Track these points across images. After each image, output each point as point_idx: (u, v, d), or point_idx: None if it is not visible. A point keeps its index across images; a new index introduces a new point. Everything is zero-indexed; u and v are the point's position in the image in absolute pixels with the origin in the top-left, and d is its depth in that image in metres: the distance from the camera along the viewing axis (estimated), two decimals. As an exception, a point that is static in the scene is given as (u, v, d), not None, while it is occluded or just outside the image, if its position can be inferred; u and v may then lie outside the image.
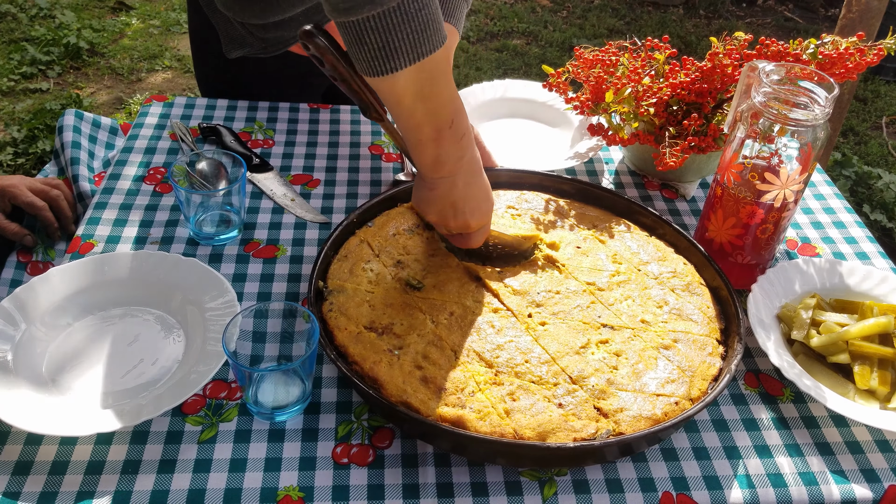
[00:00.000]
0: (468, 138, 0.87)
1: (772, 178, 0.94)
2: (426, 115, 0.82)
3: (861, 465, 0.84)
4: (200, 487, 0.76)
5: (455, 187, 0.90)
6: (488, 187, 0.94)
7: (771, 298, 0.99)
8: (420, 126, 0.83)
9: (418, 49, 0.76)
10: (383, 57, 0.75)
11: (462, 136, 0.86)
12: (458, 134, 0.85)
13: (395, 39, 0.74)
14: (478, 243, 0.96)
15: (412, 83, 0.78)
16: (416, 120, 0.82)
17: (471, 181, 0.90)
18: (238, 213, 1.07)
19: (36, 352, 0.87)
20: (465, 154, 0.88)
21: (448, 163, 0.87)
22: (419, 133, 0.84)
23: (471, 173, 0.90)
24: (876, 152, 3.20)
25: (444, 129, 0.84)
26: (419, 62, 0.76)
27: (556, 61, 3.76)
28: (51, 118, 2.93)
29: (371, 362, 0.83)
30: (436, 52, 0.77)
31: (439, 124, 0.83)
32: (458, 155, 0.87)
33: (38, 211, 1.18)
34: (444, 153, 0.86)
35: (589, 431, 0.79)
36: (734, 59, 1.12)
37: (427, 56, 0.76)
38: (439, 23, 0.77)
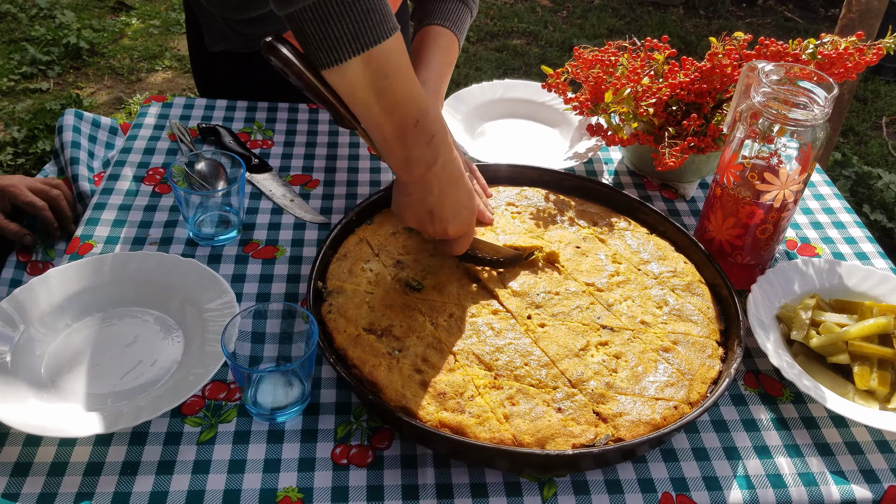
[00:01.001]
0: (440, 142, 0.85)
1: (771, 178, 0.94)
2: (383, 111, 0.81)
3: (861, 465, 0.84)
4: (199, 488, 0.76)
5: (430, 194, 0.88)
6: (469, 194, 0.91)
7: (770, 299, 0.99)
8: (380, 124, 0.82)
9: (361, 39, 0.75)
10: (326, 48, 0.75)
11: (431, 138, 0.84)
12: (425, 135, 0.83)
13: (335, 30, 0.74)
14: (460, 251, 0.94)
15: (362, 76, 0.77)
16: (375, 117, 0.81)
17: (447, 189, 0.88)
18: (237, 214, 1.06)
19: (35, 353, 0.87)
20: (437, 159, 0.85)
21: (419, 166, 0.85)
22: (381, 131, 0.83)
23: (448, 181, 0.88)
24: (876, 152, 3.20)
25: (409, 129, 0.82)
26: (365, 53, 0.76)
27: (556, 61, 3.75)
28: (51, 118, 2.93)
29: (370, 366, 0.83)
30: (382, 42, 0.76)
31: (401, 123, 0.82)
32: (430, 159, 0.85)
33: (37, 211, 1.18)
34: (412, 155, 0.84)
35: (588, 437, 0.79)
36: (733, 59, 1.12)
37: (372, 47, 0.76)
38: (384, 14, 0.76)
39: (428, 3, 1.24)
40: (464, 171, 0.91)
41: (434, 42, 1.20)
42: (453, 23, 1.22)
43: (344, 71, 0.77)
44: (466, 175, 0.92)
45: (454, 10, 1.22)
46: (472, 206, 0.92)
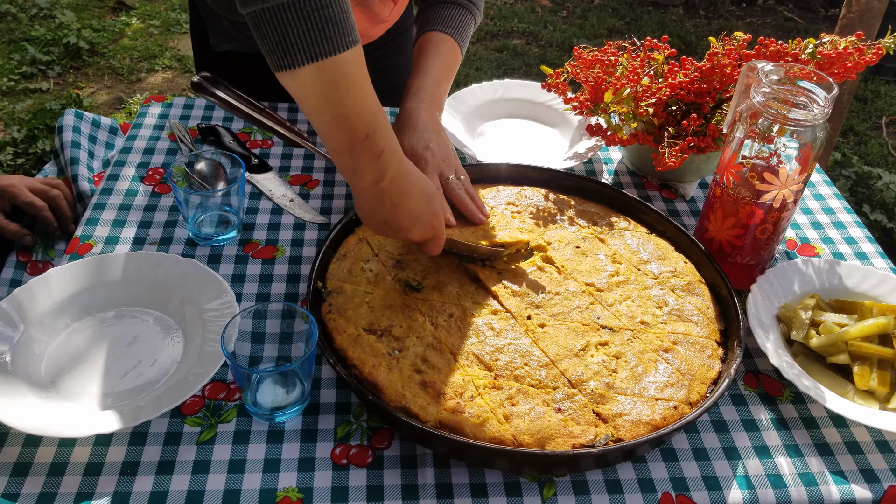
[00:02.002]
0: (390, 157, 0.84)
1: (771, 178, 0.94)
2: (333, 121, 0.80)
3: (860, 465, 0.84)
4: (199, 488, 0.76)
5: (382, 206, 0.87)
6: (427, 202, 0.90)
7: (770, 299, 0.99)
8: (329, 132, 0.81)
9: (315, 48, 0.75)
10: (280, 51, 0.75)
11: (380, 154, 0.83)
12: (374, 150, 0.83)
13: (290, 35, 0.74)
14: (433, 252, 0.94)
15: (313, 84, 0.77)
16: (325, 125, 0.81)
17: (399, 202, 0.87)
18: (237, 214, 1.06)
19: (34, 353, 0.87)
20: (385, 174, 0.85)
21: (366, 178, 0.85)
22: (330, 139, 0.82)
23: (397, 194, 0.87)
24: (876, 152, 3.20)
25: (357, 143, 0.82)
26: (318, 62, 0.76)
27: (556, 61, 3.75)
28: (51, 118, 2.93)
29: (370, 366, 0.83)
30: (337, 55, 0.76)
31: (350, 136, 0.81)
32: (378, 174, 0.84)
33: (37, 211, 1.18)
34: (360, 168, 0.84)
35: (588, 437, 0.79)
36: (733, 59, 1.12)
37: (326, 57, 0.75)
38: (344, 27, 0.76)
39: (431, 9, 1.23)
40: (418, 179, 0.90)
41: (434, 49, 1.19)
42: (455, 29, 1.21)
43: (295, 76, 0.77)
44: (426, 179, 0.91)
45: (457, 17, 1.21)
46: (433, 212, 0.91)
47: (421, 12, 1.26)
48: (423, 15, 1.25)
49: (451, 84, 1.23)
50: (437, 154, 1.06)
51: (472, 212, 1.04)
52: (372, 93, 0.82)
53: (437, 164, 1.06)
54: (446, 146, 1.09)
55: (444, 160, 1.07)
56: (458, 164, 1.08)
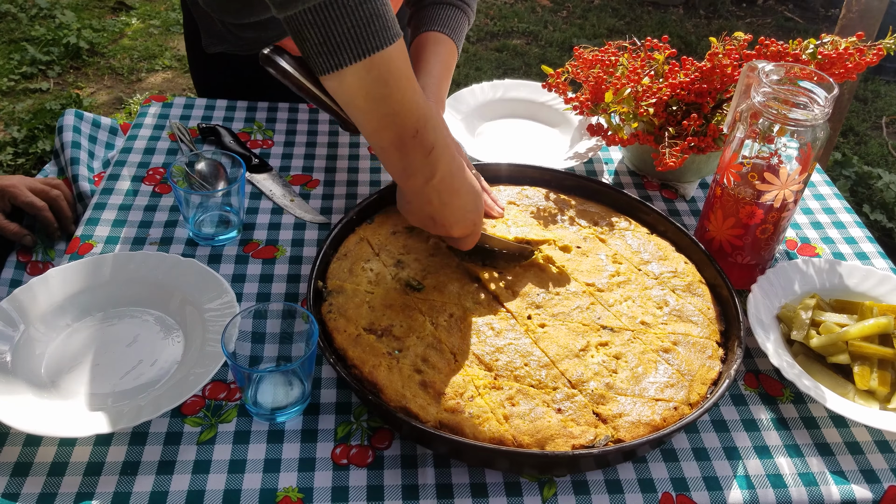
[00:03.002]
0: (441, 154, 0.83)
1: (771, 178, 0.94)
2: (382, 119, 0.78)
3: (861, 465, 0.84)
4: (199, 488, 0.76)
5: (430, 204, 0.87)
6: (474, 200, 0.90)
7: (770, 299, 0.99)
8: (378, 131, 0.80)
9: (362, 45, 0.73)
10: (325, 52, 0.73)
11: (430, 151, 0.82)
12: (424, 147, 0.81)
13: (335, 34, 0.72)
14: (467, 247, 0.95)
15: (361, 83, 0.75)
16: (373, 124, 0.79)
17: (447, 200, 0.87)
18: (237, 214, 1.06)
19: (35, 353, 0.87)
20: (436, 172, 0.84)
21: (417, 177, 0.84)
22: (379, 139, 0.81)
23: (448, 192, 0.86)
24: (876, 152, 3.20)
25: (407, 139, 0.80)
26: (366, 59, 0.74)
27: (556, 61, 3.75)
28: (51, 118, 2.93)
29: (370, 366, 0.83)
30: (384, 49, 0.74)
31: (400, 132, 0.79)
32: (429, 172, 0.83)
33: (37, 211, 1.18)
34: (410, 166, 0.83)
35: (588, 438, 0.79)
36: (734, 59, 1.12)
37: (374, 53, 0.74)
38: (387, 19, 0.74)
39: (425, 10, 1.24)
40: (467, 176, 0.89)
41: (433, 48, 1.19)
42: (452, 30, 1.21)
43: (343, 77, 0.75)
44: (471, 175, 0.91)
45: (452, 17, 1.22)
46: (478, 210, 0.91)
47: (414, 14, 1.26)
48: (418, 16, 1.25)
49: (450, 84, 1.23)
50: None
51: (490, 206, 1.05)
52: (418, 86, 0.80)
53: None
54: (455, 141, 1.10)
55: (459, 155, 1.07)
56: (468, 160, 1.09)
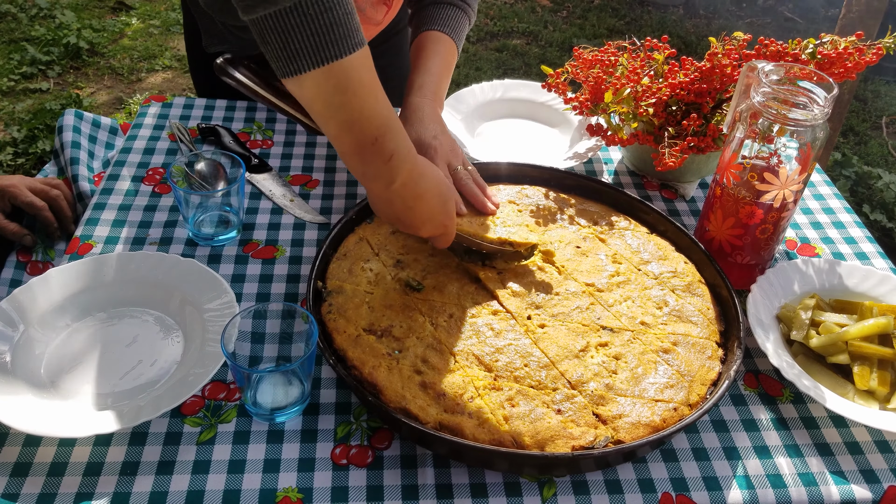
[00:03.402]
0: (401, 161, 0.83)
1: (771, 178, 0.94)
2: (340, 126, 0.79)
3: (860, 465, 0.84)
4: (199, 489, 0.76)
5: (394, 206, 0.87)
6: (440, 201, 0.90)
7: (770, 299, 0.99)
8: (337, 136, 0.81)
9: (321, 53, 0.74)
10: (285, 58, 0.74)
11: (390, 158, 0.82)
12: (384, 154, 0.82)
13: (294, 40, 0.73)
14: (442, 246, 0.95)
15: (320, 89, 0.76)
16: (333, 130, 0.80)
17: (412, 204, 0.87)
18: (237, 214, 1.06)
19: (34, 353, 0.87)
20: (396, 178, 0.84)
21: (378, 181, 0.84)
22: (339, 143, 0.81)
23: (412, 197, 0.86)
24: (876, 152, 3.20)
25: (367, 146, 0.81)
26: (325, 67, 0.74)
27: (556, 61, 3.75)
28: (51, 118, 2.93)
29: (370, 367, 0.83)
30: (343, 58, 0.75)
31: (359, 139, 0.80)
32: (389, 177, 0.84)
33: (37, 211, 1.18)
34: (370, 170, 0.83)
35: (588, 439, 0.79)
36: (733, 59, 1.12)
37: (332, 61, 0.74)
38: (349, 28, 0.75)
39: (426, 10, 1.24)
40: (432, 180, 0.89)
41: (433, 47, 1.20)
42: (452, 29, 1.22)
43: (302, 82, 0.76)
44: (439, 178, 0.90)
45: (453, 17, 1.22)
46: (446, 212, 0.91)
47: (415, 13, 1.27)
48: (419, 16, 1.25)
49: (450, 83, 1.23)
50: (445, 145, 1.08)
51: (482, 202, 1.05)
52: (381, 96, 0.81)
53: (446, 154, 1.07)
54: (451, 139, 1.11)
55: (451, 151, 1.08)
56: (464, 157, 1.10)
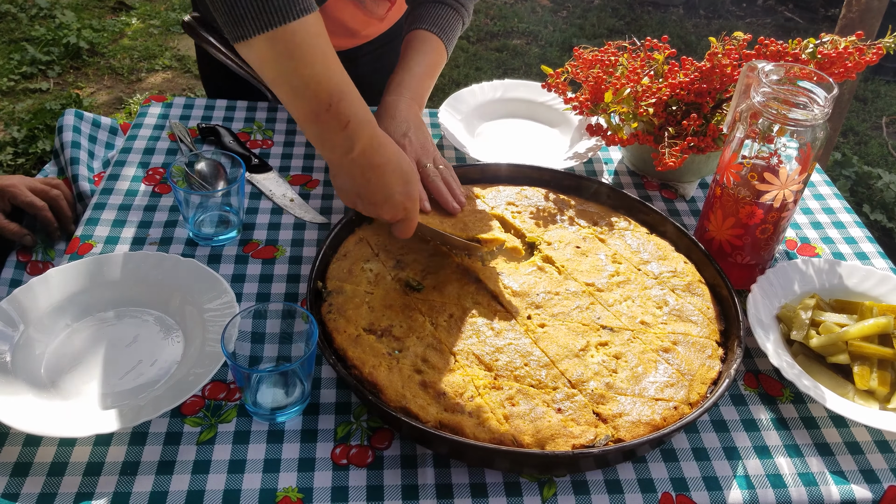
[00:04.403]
0: (359, 128, 0.85)
1: (771, 178, 0.94)
2: (293, 91, 0.81)
3: (860, 465, 0.84)
4: (199, 489, 0.76)
5: (353, 178, 0.88)
6: (402, 181, 0.89)
7: (770, 299, 0.99)
8: (291, 102, 0.83)
9: (264, 18, 0.76)
10: (231, 23, 0.77)
11: (346, 124, 0.84)
12: (340, 120, 0.83)
13: (239, 6, 0.76)
14: (403, 234, 0.94)
15: (267, 54, 0.79)
16: (286, 96, 0.82)
17: (370, 176, 0.88)
18: (237, 214, 1.06)
19: (35, 353, 0.87)
20: (354, 145, 0.85)
21: (336, 149, 0.86)
22: (294, 109, 0.83)
23: (370, 167, 0.87)
24: (876, 152, 3.20)
25: (321, 112, 0.83)
26: (269, 32, 0.77)
27: (556, 61, 3.75)
28: (51, 118, 2.93)
29: (370, 366, 0.83)
30: (288, 24, 0.77)
31: (313, 105, 0.82)
32: (347, 145, 0.85)
33: (37, 211, 1.18)
34: (328, 137, 0.85)
35: (588, 438, 0.79)
36: (733, 59, 1.12)
37: (276, 27, 0.77)
38: None
39: (420, 8, 1.24)
40: (393, 157, 0.89)
41: (419, 47, 1.19)
42: (441, 29, 1.21)
43: (250, 47, 0.79)
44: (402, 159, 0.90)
45: (444, 17, 1.22)
46: (407, 193, 0.90)
47: (410, 11, 1.27)
48: (412, 14, 1.25)
49: (450, 83, 1.23)
50: (415, 142, 1.06)
51: (445, 200, 1.03)
52: (333, 62, 0.83)
53: (415, 151, 1.05)
54: (425, 137, 1.09)
55: (421, 148, 1.06)
56: (437, 155, 1.08)
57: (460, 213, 1.03)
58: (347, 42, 1.38)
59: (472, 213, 1.05)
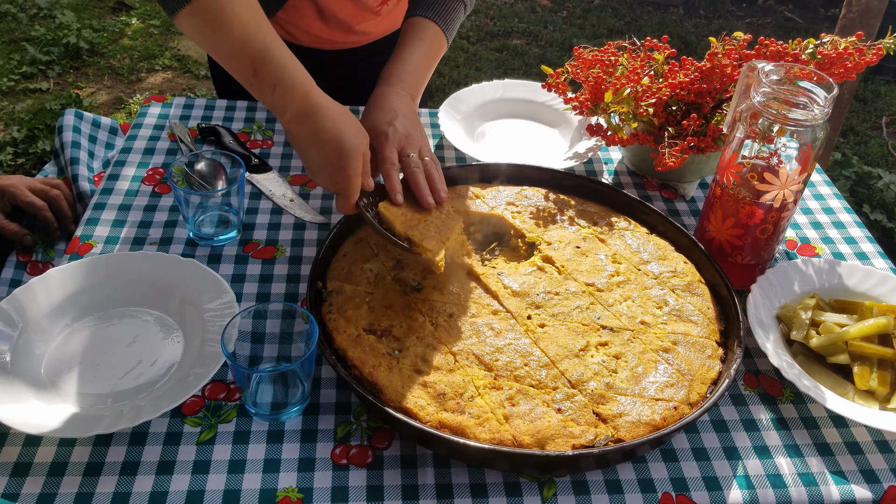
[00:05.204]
0: (287, 93, 0.88)
1: (771, 178, 0.94)
2: (224, 61, 0.89)
3: (860, 465, 0.84)
4: (199, 489, 0.76)
5: (292, 142, 0.93)
6: (338, 152, 0.89)
7: (770, 299, 0.99)
8: (227, 69, 0.89)
9: None
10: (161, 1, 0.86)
11: (273, 90, 0.88)
12: (267, 85, 0.88)
13: None
14: (341, 209, 0.94)
15: (193, 27, 0.87)
16: (221, 63, 0.89)
17: (302, 143, 0.91)
18: (237, 214, 1.06)
19: (34, 353, 0.87)
20: (286, 110, 0.89)
21: (275, 111, 0.91)
22: (234, 76, 0.90)
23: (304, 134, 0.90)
24: (876, 152, 3.20)
25: (250, 78, 0.88)
26: (188, 6, 0.83)
27: (556, 61, 3.75)
28: (51, 118, 2.93)
29: (370, 366, 0.83)
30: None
31: (242, 72, 0.88)
32: (280, 108, 0.90)
33: (37, 211, 1.18)
34: (265, 101, 0.90)
35: (588, 438, 0.79)
36: (733, 59, 1.12)
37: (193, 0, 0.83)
38: None
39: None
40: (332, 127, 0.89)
41: (416, 35, 1.15)
42: (441, 16, 1.16)
43: (179, 22, 0.86)
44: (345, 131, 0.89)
45: (444, 3, 1.17)
46: (341, 167, 0.90)
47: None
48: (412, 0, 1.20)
49: (449, 83, 1.22)
50: (400, 130, 1.03)
51: (421, 192, 0.99)
52: (256, 28, 0.87)
53: (399, 139, 1.02)
54: (412, 127, 1.05)
55: (406, 137, 1.03)
56: (424, 146, 1.03)
57: (434, 211, 0.99)
58: (343, 37, 1.37)
59: (443, 216, 0.99)
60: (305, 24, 1.32)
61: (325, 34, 1.34)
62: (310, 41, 1.37)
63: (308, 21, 1.31)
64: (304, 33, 1.35)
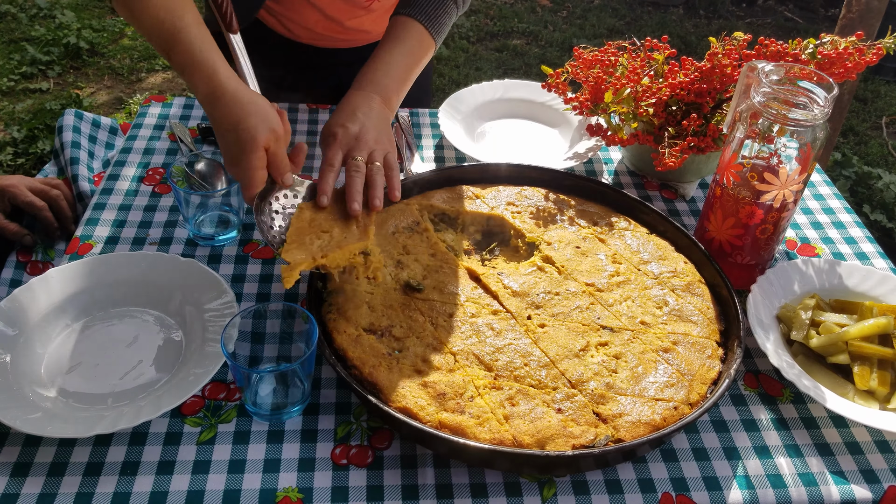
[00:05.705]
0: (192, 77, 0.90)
1: (771, 178, 0.94)
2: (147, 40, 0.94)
3: (860, 465, 0.84)
4: (199, 489, 0.76)
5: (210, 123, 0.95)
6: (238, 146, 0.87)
7: (770, 299, 0.99)
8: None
9: None
10: None
11: (182, 72, 0.91)
12: (178, 66, 0.91)
13: None
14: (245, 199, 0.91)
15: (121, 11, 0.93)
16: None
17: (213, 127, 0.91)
18: (237, 214, 1.06)
19: (35, 353, 0.87)
20: (196, 91, 0.92)
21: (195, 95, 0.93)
22: None
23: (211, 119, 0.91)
24: (876, 152, 3.20)
25: (167, 58, 0.92)
26: None
27: (556, 61, 3.75)
28: (51, 118, 2.93)
29: (370, 366, 0.83)
30: None
31: (161, 52, 0.93)
32: (194, 91, 0.92)
33: (37, 211, 1.18)
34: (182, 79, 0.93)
35: (588, 438, 0.78)
36: (733, 59, 1.12)
37: None
38: None
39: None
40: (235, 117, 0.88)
41: (396, 35, 1.10)
42: (427, 15, 1.11)
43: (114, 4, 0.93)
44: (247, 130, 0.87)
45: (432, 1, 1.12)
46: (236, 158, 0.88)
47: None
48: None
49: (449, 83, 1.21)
50: (351, 133, 1.00)
51: (349, 196, 0.94)
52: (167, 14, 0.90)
53: (348, 142, 0.99)
54: (365, 130, 1.00)
55: (356, 140, 0.99)
56: (377, 153, 0.99)
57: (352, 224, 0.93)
58: (336, 32, 1.36)
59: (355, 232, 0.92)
60: (300, 18, 1.32)
61: (321, 28, 1.34)
62: (307, 37, 1.36)
63: (303, 15, 1.31)
64: (300, 28, 1.34)
